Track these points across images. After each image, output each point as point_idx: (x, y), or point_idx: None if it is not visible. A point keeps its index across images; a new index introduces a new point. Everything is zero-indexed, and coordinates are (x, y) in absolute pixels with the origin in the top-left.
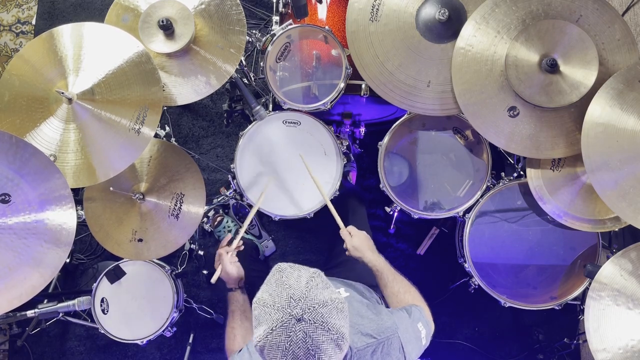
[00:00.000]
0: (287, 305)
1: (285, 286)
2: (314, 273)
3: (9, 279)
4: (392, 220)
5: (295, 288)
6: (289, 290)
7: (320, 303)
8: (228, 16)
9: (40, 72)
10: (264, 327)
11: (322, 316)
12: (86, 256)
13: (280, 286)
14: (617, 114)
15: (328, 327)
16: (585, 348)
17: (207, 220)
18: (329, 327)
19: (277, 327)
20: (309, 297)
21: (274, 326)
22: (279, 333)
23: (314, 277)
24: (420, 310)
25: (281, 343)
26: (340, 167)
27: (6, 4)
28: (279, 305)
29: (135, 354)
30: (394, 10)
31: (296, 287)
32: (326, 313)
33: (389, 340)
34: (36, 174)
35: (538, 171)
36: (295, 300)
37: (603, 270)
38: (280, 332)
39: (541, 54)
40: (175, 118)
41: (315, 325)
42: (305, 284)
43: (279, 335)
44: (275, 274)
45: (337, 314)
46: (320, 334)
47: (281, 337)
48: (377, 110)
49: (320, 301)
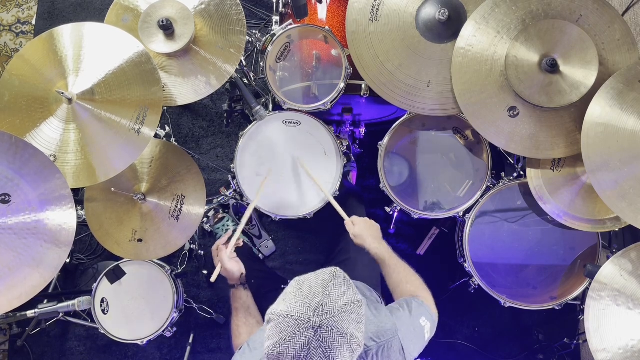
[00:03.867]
0: (315, 309)
1: (327, 292)
2: (357, 301)
3: (9, 279)
4: (392, 220)
5: (332, 300)
6: (326, 298)
7: (341, 331)
8: (228, 16)
9: (40, 72)
10: (284, 307)
11: (332, 342)
12: (86, 256)
13: (322, 287)
14: (617, 114)
15: (328, 355)
16: (585, 348)
17: (207, 220)
18: (329, 356)
19: (293, 318)
20: (336, 318)
21: (291, 315)
22: (290, 324)
23: (354, 305)
24: (421, 302)
25: (285, 331)
26: (340, 167)
27: (6, 4)
28: (307, 302)
29: (135, 354)
30: (394, 10)
31: (334, 301)
32: (337, 342)
33: (389, 343)
34: (36, 174)
35: (538, 171)
36: (323, 310)
37: (603, 270)
38: (291, 324)
39: (541, 54)
40: (175, 118)
41: (320, 344)
42: (344, 305)
43: (288, 325)
44: (328, 274)
45: (345, 350)
46: (318, 354)
47: (289, 328)
48: (377, 110)
49: (342, 329)
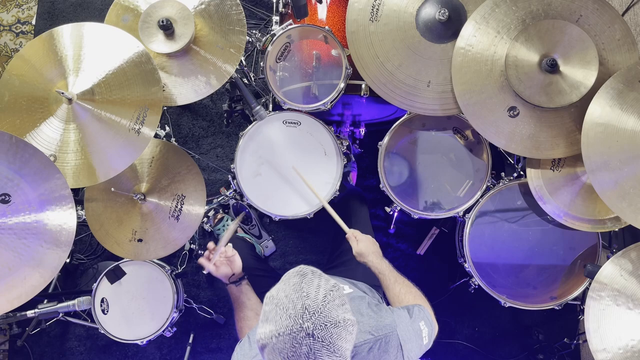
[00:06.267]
0: (301, 315)
1: (303, 294)
2: (333, 287)
3: (9, 279)
4: (392, 220)
5: (312, 299)
6: (305, 299)
7: (334, 322)
8: (228, 16)
9: (40, 72)
10: (271, 327)
11: (331, 336)
12: (86, 256)
13: (298, 292)
14: (617, 114)
15: (334, 349)
16: (585, 348)
17: (207, 220)
18: (335, 349)
19: (285, 334)
20: (324, 313)
21: (282, 332)
22: (285, 340)
23: (332, 292)
24: (422, 309)
25: (284, 350)
26: (340, 167)
27: (6, 4)
28: (292, 313)
29: (135, 354)
30: (394, 10)
31: (313, 299)
32: (336, 334)
33: (386, 338)
34: (36, 174)
35: (538, 171)
36: (309, 312)
37: (603, 270)
38: (286, 340)
39: (541, 54)
40: (175, 118)
41: (323, 344)
42: (323, 297)
43: (284, 343)
44: (295, 276)
45: (345, 335)
46: (324, 353)
47: (286, 345)
48: (377, 110)
49: (333, 320)
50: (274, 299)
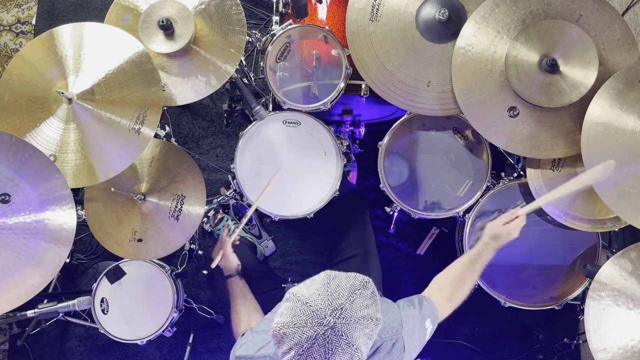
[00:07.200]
0: (323, 309)
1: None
2: (364, 281)
3: (9, 279)
4: (392, 220)
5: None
6: (329, 296)
7: (356, 318)
8: (228, 16)
9: (40, 72)
10: (289, 319)
11: (352, 331)
12: (86, 256)
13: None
14: (617, 114)
15: (352, 343)
16: (585, 348)
17: (207, 220)
18: (353, 343)
19: (305, 326)
20: (348, 309)
21: (302, 323)
22: (304, 332)
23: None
24: (431, 304)
25: (302, 341)
26: (340, 167)
27: (6, 4)
28: (314, 306)
29: (135, 354)
30: (394, 10)
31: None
32: (357, 329)
33: (392, 340)
34: (36, 174)
35: (538, 171)
36: (332, 308)
37: (603, 270)
38: (304, 332)
39: (541, 54)
40: (175, 118)
41: (342, 338)
42: (350, 293)
43: (303, 334)
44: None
45: (367, 331)
46: (342, 346)
47: (304, 336)
48: (377, 110)
49: (356, 316)
50: (328, 277)
